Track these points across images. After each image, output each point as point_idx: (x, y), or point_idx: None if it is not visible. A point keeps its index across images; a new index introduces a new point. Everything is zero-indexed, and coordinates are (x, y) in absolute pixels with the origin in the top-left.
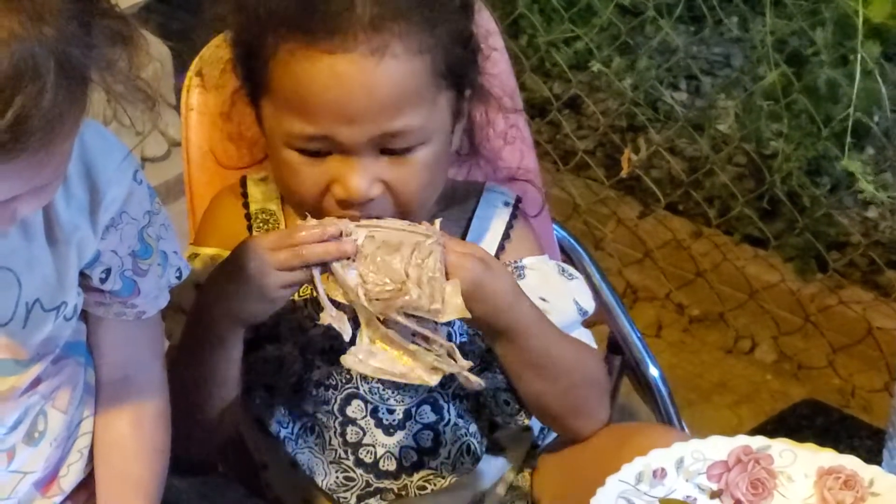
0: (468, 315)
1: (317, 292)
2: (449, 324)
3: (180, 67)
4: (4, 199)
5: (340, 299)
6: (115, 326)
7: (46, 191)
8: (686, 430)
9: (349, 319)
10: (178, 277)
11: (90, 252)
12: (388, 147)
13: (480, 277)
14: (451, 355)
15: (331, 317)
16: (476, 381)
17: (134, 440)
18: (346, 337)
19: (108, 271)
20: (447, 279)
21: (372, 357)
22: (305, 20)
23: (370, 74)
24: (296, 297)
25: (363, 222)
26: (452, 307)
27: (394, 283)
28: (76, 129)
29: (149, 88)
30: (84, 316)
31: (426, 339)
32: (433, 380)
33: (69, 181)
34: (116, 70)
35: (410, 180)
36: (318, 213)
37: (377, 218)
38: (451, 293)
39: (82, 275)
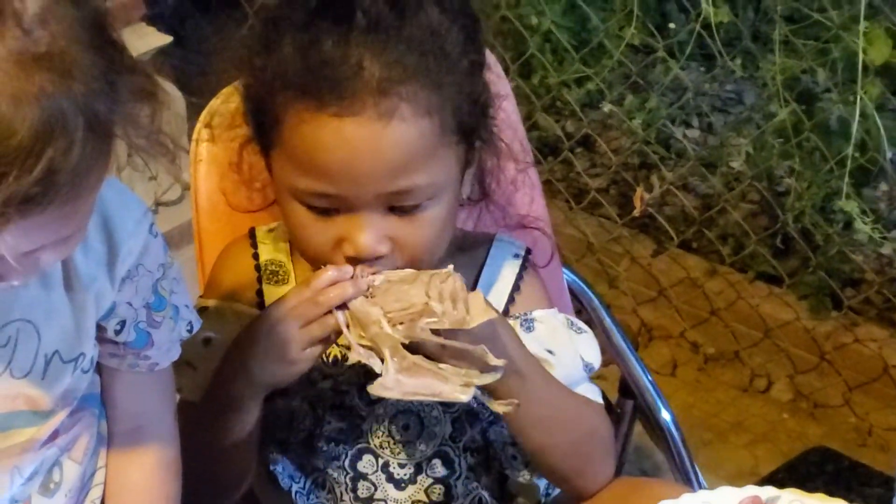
0: (494, 315)
1: (344, 332)
2: None
3: (195, 112)
4: (30, 250)
5: (365, 342)
6: (128, 378)
7: (69, 242)
8: (699, 475)
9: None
10: (189, 331)
11: (107, 303)
12: (396, 205)
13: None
14: (484, 359)
15: (359, 354)
16: (507, 403)
17: (146, 490)
18: (378, 370)
19: (122, 323)
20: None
21: (400, 385)
22: (313, 84)
23: (378, 138)
24: None
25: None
26: (478, 311)
27: (417, 306)
28: (101, 182)
29: (170, 143)
30: (98, 368)
31: (455, 356)
32: (466, 396)
33: (87, 234)
34: (139, 125)
35: (420, 236)
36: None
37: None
38: (476, 301)
39: (98, 327)
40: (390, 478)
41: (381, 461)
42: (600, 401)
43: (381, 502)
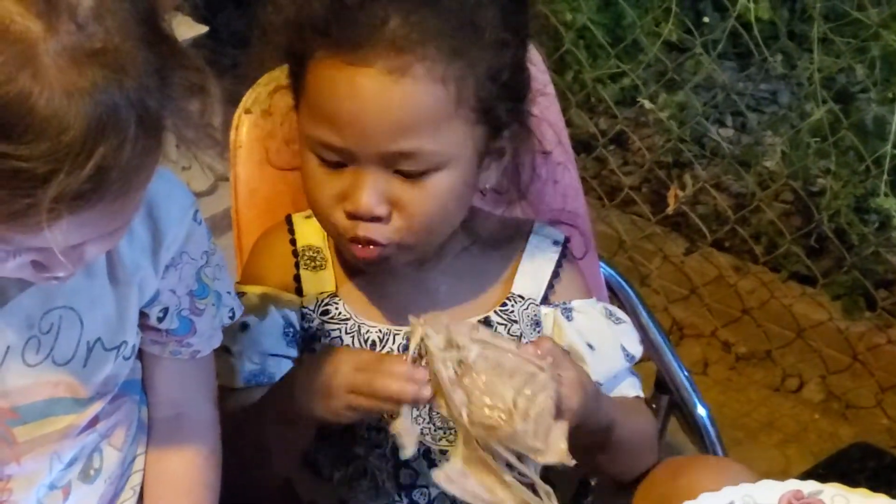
0: (570, 462)
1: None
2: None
3: (227, 102)
4: (76, 243)
5: (443, 412)
6: (169, 365)
7: (115, 235)
8: None
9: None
10: (231, 317)
11: (150, 291)
12: (400, 168)
13: (585, 408)
14: (548, 498)
15: (402, 427)
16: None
17: (185, 477)
18: (406, 455)
19: (165, 310)
20: (556, 415)
21: (464, 478)
22: (335, 30)
23: (387, 92)
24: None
25: (477, 335)
26: (555, 451)
27: (500, 410)
28: (151, 177)
29: (218, 135)
30: (139, 354)
31: (521, 472)
32: None
33: (132, 222)
34: (189, 119)
35: (420, 205)
36: (331, 227)
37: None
38: (557, 436)
39: (140, 314)
40: (432, 464)
41: (422, 448)
42: (641, 394)
43: (423, 489)
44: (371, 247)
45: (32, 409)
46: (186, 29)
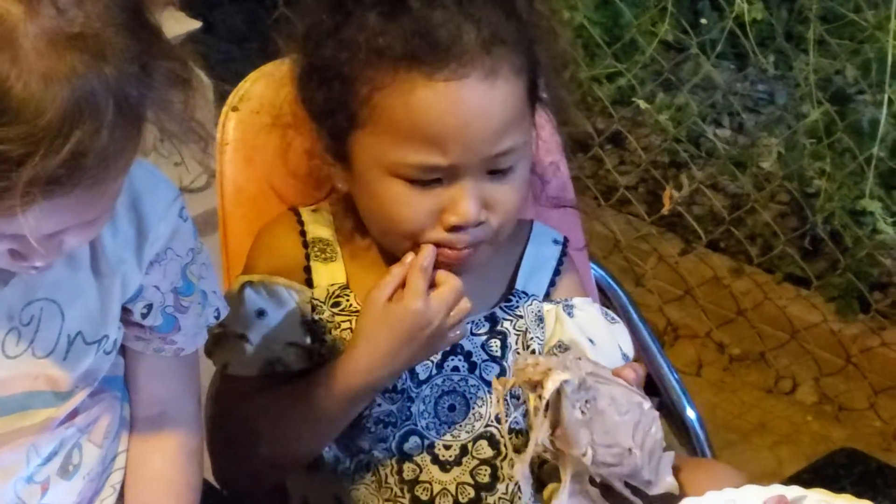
0: (677, 492)
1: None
2: None
3: (221, 98)
4: (53, 231)
5: (562, 448)
6: (153, 362)
7: (94, 225)
8: None
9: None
10: (217, 317)
11: (134, 286)
12: (495, 168)
13: None
14: None
15: (521, 475)
16: None
17: (167, 476)
18: (525, 499)
19: (149, 306)
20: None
21: None
22: (420, 52)
23: (486, 98)
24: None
25: (587, 368)
26: (664, 482)
27: (621, 447)
28: (129, 166)
29: (202, 130)
30: (122, 351)
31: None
32: None
33: (116, 216)
34: (172, 111)
35: (509, 200)
36: (415, 245)
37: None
38: (665, 467)
39: (124, 309)
40: (435, 459)
41: (426, 442)
42: None
43: (426, 484)
44: (466, 249)
45: (10, 401)
46: (182, 24)
